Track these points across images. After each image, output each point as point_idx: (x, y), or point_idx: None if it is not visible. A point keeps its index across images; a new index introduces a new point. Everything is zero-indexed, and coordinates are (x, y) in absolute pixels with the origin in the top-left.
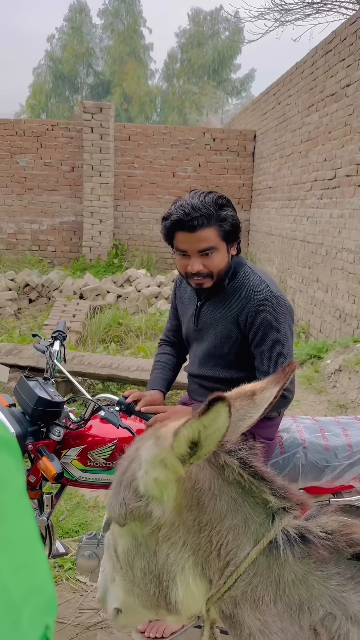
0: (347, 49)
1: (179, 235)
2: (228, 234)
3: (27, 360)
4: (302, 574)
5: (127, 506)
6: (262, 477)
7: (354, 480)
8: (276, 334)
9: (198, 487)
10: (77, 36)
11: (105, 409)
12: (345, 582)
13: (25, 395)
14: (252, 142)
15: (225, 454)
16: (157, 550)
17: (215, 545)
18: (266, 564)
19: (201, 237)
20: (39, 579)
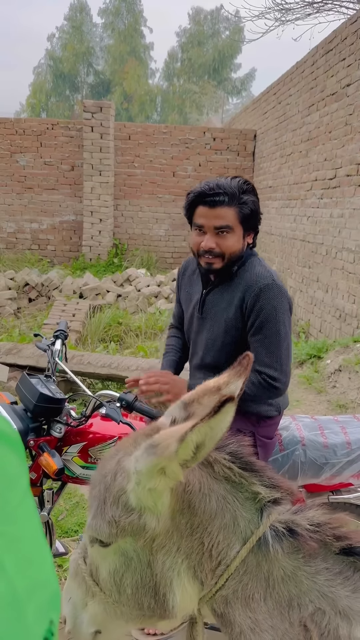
0: (347, 49)
1: (199, 209)
2: (246, 218)
3: (27, 360)
4: (291, 570)
5: (118, 523)
6: (252, 469)
7: (353, 478)
8: (274, 322)
9: (189, 490)
10: (78, 35)
11: (106, 406)
12: (334, 577)
13: (27, 391)
14: (252, 141)
15: (214, 450)
16: (151, 561)
17: (207, 547)
18: (255, 562)
19: (220, 214)
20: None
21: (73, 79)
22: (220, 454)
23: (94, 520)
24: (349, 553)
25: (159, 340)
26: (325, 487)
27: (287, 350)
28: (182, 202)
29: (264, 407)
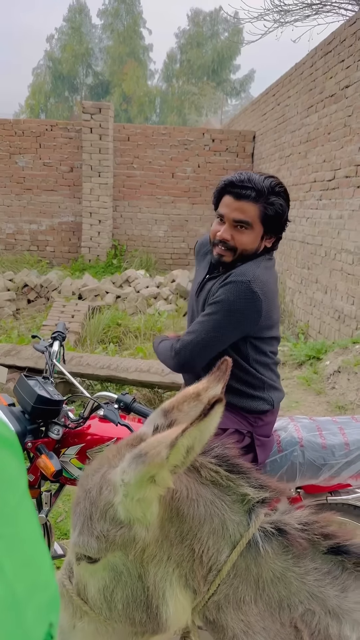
0: (346, 50)
1: (225, 198)
2: (269, 219)
3: (26, 361)
4: (280, 571)
5: (107, 538)
6: (239, 471)
7: (351, 479)
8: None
9: (177, 497)
10: (77, 36)
11: (104, 407)
12: (322, 577)
13: (25, 393)
14: (251, 142)
15: (199, 455)
16: (142, 574)
17: (197, 553)
18: (245, 565)
19: (242, 207)
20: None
21: (72, 80)
22: (206, 458)
23: (81, 537)
24: (336, 552)
25: None
26: (323, 488)
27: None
28: (182, 203)
29: (255, 402)
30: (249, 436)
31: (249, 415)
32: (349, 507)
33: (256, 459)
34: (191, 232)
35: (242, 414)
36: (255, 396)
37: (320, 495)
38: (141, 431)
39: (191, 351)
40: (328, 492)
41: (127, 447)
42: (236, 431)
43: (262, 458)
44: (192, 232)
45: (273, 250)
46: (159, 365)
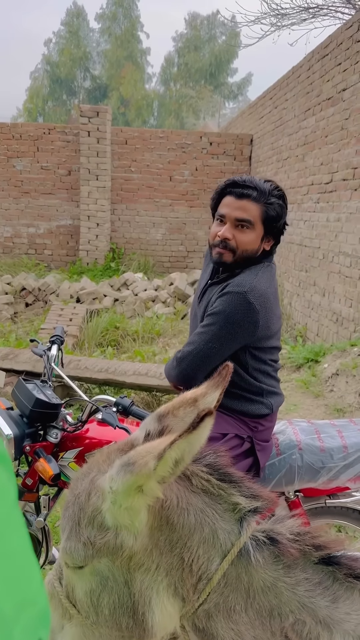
0: (343, 54)
1: (226, 199)
2: (270, 219)
3: (24, 365)
4: (271, 581)
5: (93, 544)
6: (230, 480)
7: (350, 482)
8: (215, 322)
9: (167, 505)
10: (75, 40)
11: (102, 410)
12: (313, 587)
13: (23, 397)
14: (248, 146)
15: (191, 463)
16: (129, 580)
17: (187, 562)
18: (235, 573)
19: (244, 206)
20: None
21: (70, 83)
22: (197, 467)
23: (69, 542)
24: (328, 563)
25: (156, 344)
26: (322, 491)
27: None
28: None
29: (254, 405)
30: (249, 441)
31: (248, 420)
32: (348, 510)
33: (257, 463)
34: (189, 235)
35: (241, 419)
36: (254, 400)
37: (319, 499)
38: (133, 436)
39: (191, 362)
40: (327, 495)
41: (117, 453)
42: (236, 436)
43: (262, 462)
44: (190, 235)
45: (272, 255)
46: (157, 368)
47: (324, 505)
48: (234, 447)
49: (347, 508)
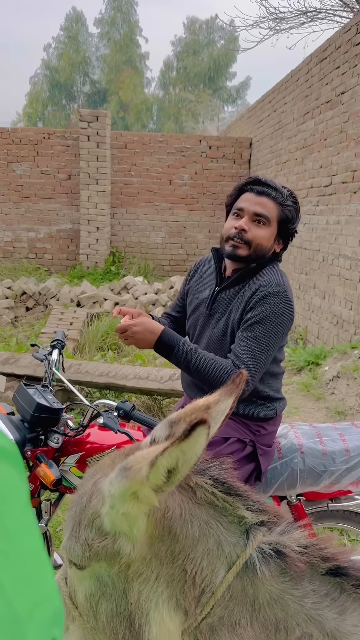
0: (341, 57)
1: (245, 195)
2: (284, 220)
3: (24, 369)
4: (278, 594)
5: (91, 547)
6: (236, 493)
7: (352, 485)
8: (268, 327)
9: (169, 516)
10: (74, 45)
11: (103, 415)
12: (321, 599)
13: (24, 402)
14: (248, 149)
15: (195, 474)
16: (126, 589)
17: (190, 574)
18: (241, 586)
19: (264, 202)
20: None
21: (69, 88)
22: (202, 478)
23: (69, 541)
24: (335, 574)
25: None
26: (324, 494)
27: (266, 360)
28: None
29: (258, 408)
30: (251, 445)
31: (251, 423)
32: (350, 514)
33: (258, 468)
34: (189, 239)
35: (244, 422)
36: (258, 403)
37: (321, 502)
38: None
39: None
40: (329, 499)
41: (121, 457)
42: (238, 440)
43: (264, 467)
44: (189, 239)
45: (279, 259)
46: (157, 372)
47: (326, 509)
48: (235, 451)
49: (349, 512)
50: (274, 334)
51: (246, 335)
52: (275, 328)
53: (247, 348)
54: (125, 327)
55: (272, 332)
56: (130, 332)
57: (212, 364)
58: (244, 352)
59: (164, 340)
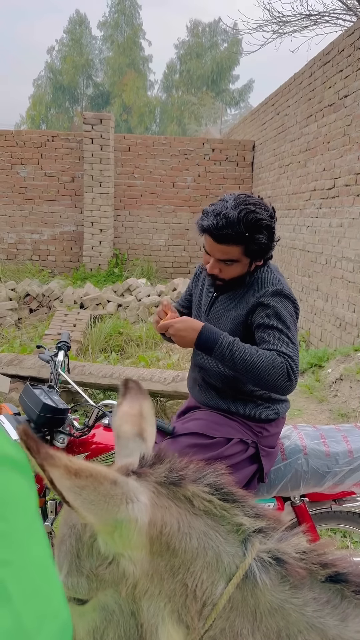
0: (344, 60)
1: (207, 237)
2: (253, 253)
3: (28, 371)
4: (278, 603)
5: (97, 576)
6: (233, 499)
7: (355, 487)
8: (283, 321)
9: (166, 532)
10: (77, 48)
11: (109, 415)
12: (322, 607)
13: (30, 402)
14: (251, 152)
15: (191, 483)
16: (135, 610)
17: (190, 588)
18: (241, 597)
19: (224, 250)
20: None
21: (72, 90)
22: (198, 487)
23: (69, 578)
24: (335, 580)
25: (160, 349)
26: (327, 495)
27: (297, 349)
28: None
29: (260, 409)
30: (254, 446)
31: (253, 425)
32: (354, 515)
33: (261, 469)
34: (192, 241)
35: (247, 424)
36: (261, 405)
37: (325, 503)
38: (132, 463)
39: (298, 363)
40: (332, 500)
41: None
42: (241, 441)
43: (267, 468)
44: (192, 241)
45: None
46: (161, 374)
47: (330, 510)
48: (238, 452)
49: (352, 513)
50: (291, 324)
51: (269, 332)
52: (288, 320)
53: (278, 340)
54: (167, 326)
55: (288, 324)
56: (173, 330)
57: (256, 354)
58: (278, 343)
59: (206, 334)
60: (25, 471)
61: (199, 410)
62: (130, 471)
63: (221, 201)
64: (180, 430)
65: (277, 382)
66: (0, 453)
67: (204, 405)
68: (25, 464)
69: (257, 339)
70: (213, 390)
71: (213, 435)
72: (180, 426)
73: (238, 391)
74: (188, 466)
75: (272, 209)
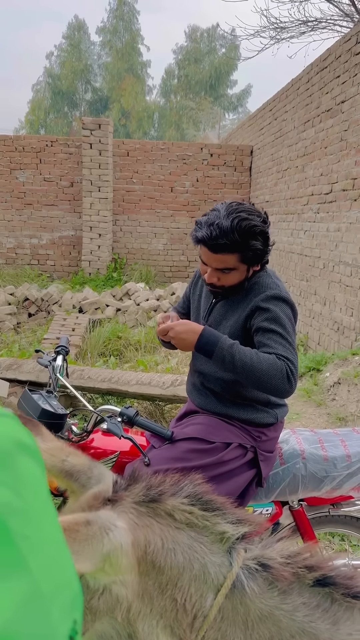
0: (342, 66)
1: (202, 248)
2: (250, 259)
3: (27, 375)
4: (268, 610)
5: (91, 609)
6: (213, 507)
7: (353, 491)
8: (282, 324)
9: (151, 550)
10: (76, 53)
11: (107, 420)
12: (312, 611)
13: (29, 407)
14: (249, 157)
15: (170, 497)
16: (131, 633)
17: (180, 603)
18: (231, 606)
19: (220, 259)
20: (66, 576)
21: (71, 96)
22: (177, 500)
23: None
24: (323, 584)
25: (159, 354)
26: (325, 500)
27: (296, 352)
28: (181, 217)
29: (259, 414)
30: (252, 451)
31: (252, 429)
32: (352, 519)
33: (259, 474)
34: (190, 245)
35: (245, 428)
36: (259, 409)
37: (323, 507)
38: (103, 487)
39: (297, 366)
40: (330, 504)
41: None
42: (239, 445)
43: (265, 473)
44: (191, 245)
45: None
46: (159, 378)
47: (328, 514)
48: (237, 457)
49: (350, 517)
50: (290, 329)
51: (268, 335)
52: (287, 323)
53: (277, 343)
54: (167, 329)
55: (287, 327)
56: (173, 332)
57: (256, 357)
58: (277, 346)
59: (207, 337)
60: (36, 456)
61: (197, 414)
62: (105, 499)
63: (213, 211)
64: (178, 435)
65: (277, 385)
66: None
67: (203, 409)
68: (36, 449)
69: (256, 342)
70: (212, 395)
71: (212, 440)
72: (178, 431)
73: (237, 395)
74: (165, 481)
75: (265, 214)
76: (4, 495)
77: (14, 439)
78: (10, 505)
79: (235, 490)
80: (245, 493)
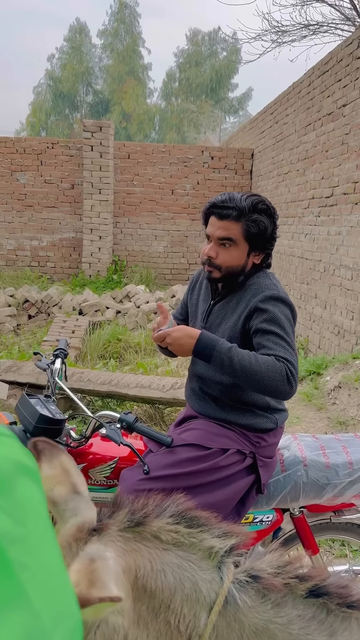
0: (343, 70)
1: (211, 219)
2: (252, 236)
3: (27, 377)
4: (263, 624)
5: None
6: (198, 524)
7: (355, 498)
8: (281, 324)
9: (141, 575)
10: (77, 56)
11: (106, 426)
12: (308, 623)
13: (27, 412)
14: (249, 160)
15: (155, 519)
16: None
17: (174, 625)
18: (225, 623)
19: (224, 226)
20: (67, 605)
21: (72, 98)
22: (161, 521)
23: None
24: (317, 594)
25: (159, 356)
26: (327, 507)
27: (296, 353)
28: (181, 219)
29: (258, 419)
30: (251, 457)
31: (251, 434)
32: (353, 527)
33: (259, 480)
34: (190, 248)
35: (244, 433)
36: (259, 414)
37: (324, 514)
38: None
39: (297, 368)
40: (332, 512)
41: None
42: (238, 451)
43: (264, 479)
44: (191, 248)
45: (268, 267)
46: (159, 381)
47: (329, 521)
48: (234, 462)
49: (352, 524)
50: (288, 329)
51: (267, 337)
52: (286, 324)
53: (276, 344)
54: (164, 335)
55: (286, 328)
56: (170, 339)
57: (255, 360)
58: (277, 347)
59: (204, 341)
60: (37, 478)
61: (195, 419)
62: (91, 530)
63: None
64: (176, 441)
65: (277, 387)
66: (16, 460)
67: (202, 414)
68: (36, 471)
69: (255, 344)
70: (211, 400)
71: (209, 446)
72: (176, 437)
73: (236, 400)
74: (148, 503)
75: (276, 214)
76: (3, 523)
77: (13, 461)
78: (9, 534)
79: (234, 496)
80: (245, 499)
